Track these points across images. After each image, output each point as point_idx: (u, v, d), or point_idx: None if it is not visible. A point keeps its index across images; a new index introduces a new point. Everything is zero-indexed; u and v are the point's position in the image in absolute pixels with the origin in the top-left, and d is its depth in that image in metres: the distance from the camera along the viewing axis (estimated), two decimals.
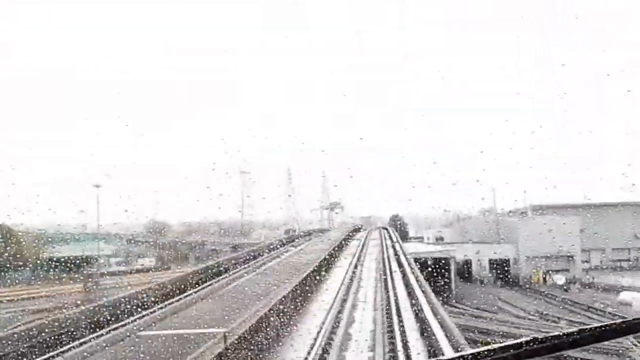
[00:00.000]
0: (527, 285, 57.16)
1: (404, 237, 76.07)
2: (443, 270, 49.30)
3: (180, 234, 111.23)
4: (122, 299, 19.18)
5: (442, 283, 46.86)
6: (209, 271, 26.37)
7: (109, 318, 16.86)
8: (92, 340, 14.53)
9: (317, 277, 24.23)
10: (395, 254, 38.71)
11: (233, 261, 31.49)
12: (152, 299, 20.42)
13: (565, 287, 56.22)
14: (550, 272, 59.73)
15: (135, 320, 16.72)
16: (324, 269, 27.00)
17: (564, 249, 60.38)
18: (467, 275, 60.32)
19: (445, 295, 46.01)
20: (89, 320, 16.62)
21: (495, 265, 60.88)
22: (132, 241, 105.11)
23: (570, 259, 61.58)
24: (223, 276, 25.92)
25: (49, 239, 77.32)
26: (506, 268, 61.09)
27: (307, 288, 20.87)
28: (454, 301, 47.84)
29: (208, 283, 23.94)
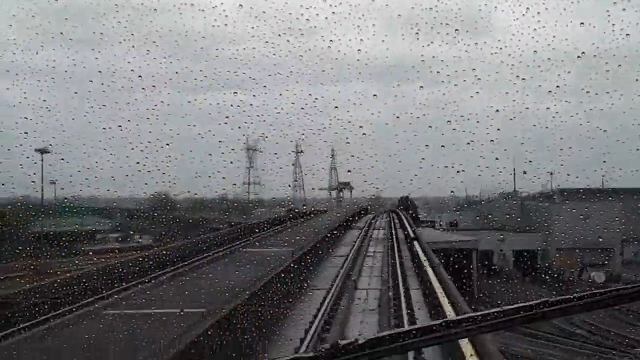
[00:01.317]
0: (560, 283, 46.94)
1: (415, 221, 65.81)
2: (464, 264, 39.39)
3: (185, 209, 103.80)
4: None
5: (462, 279, 36.93)
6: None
7: None
8: None
9: None
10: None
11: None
12: None
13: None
14: (587, 267, 49.49)
15: None
16: None
17: (601, 240, 50.02)
18: (488, 268, 50.14)
19: (466, 295, 35.91)
20: None
21: (520, 258, 50.70)
22: (134, 216, 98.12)
23: (607, 252, 51.18)
24: None
25: (47, 212, 71.25)
26: (534, 261, 50.97)
27: None
28: (478, 304, 37.81)
29: None
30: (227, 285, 15.60)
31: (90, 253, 54.81)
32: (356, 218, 52.67)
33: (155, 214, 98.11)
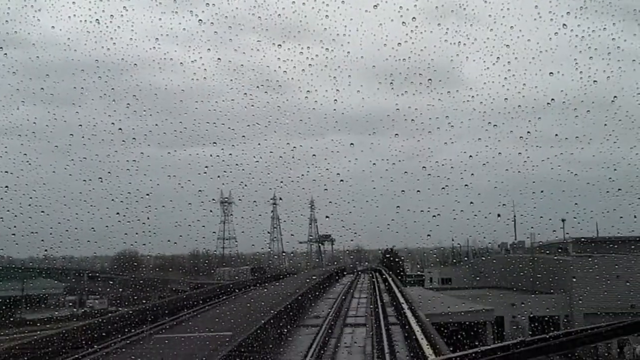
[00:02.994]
0: None
1: (402, 279, 53.73)
2: (476, 344, 26.98)
3: (152, 268, 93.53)
4: None
5: None
6: None
7: None
8: None
9: None
10: None
11: None
12: None
13: None
14: (627, 339, 37.69)
15: None
16: None
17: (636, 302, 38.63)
18: (499, 342, 37.84)
19: None
20: None
21: (539, 326, 38.76)
22: (93, 277, 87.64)
23: None
24: None
25: None
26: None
27: None
28: None
29: None
30: None
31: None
32: (333, 280, 40.75)
33: (118, 274, 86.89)
